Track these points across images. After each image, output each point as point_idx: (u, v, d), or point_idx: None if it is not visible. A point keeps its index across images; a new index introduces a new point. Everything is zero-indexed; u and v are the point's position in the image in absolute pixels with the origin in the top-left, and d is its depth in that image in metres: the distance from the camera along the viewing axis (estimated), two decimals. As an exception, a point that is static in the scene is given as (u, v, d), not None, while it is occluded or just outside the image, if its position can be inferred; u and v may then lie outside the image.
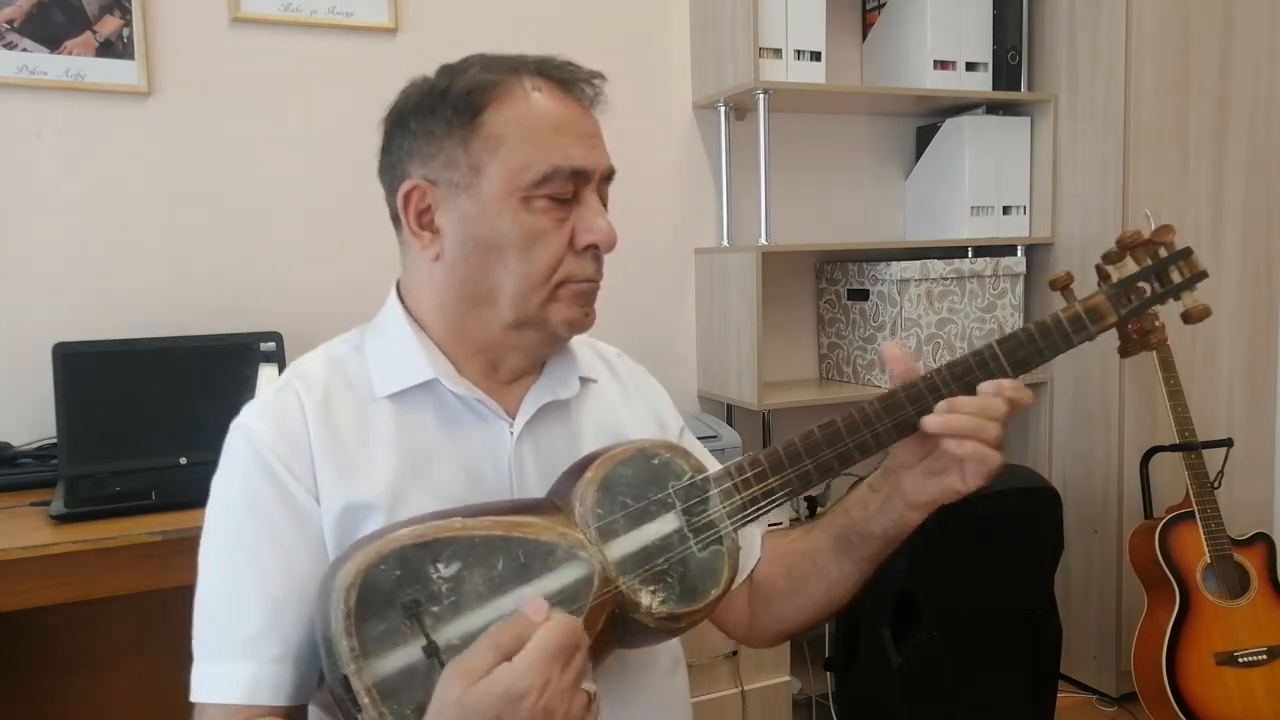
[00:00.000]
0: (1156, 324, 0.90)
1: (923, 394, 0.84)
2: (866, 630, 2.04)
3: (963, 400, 0.83)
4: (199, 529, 0.86)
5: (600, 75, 0.89)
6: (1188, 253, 0.89)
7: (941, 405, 0.83)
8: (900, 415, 0.84)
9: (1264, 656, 2.05)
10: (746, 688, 2.00)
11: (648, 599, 0.79)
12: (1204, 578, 2.08)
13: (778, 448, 0.85)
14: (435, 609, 0.72)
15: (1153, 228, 0.89)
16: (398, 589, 0.72)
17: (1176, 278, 0.88)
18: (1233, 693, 2.03)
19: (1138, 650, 2.14)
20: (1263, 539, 2.14)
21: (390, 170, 0.90)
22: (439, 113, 0.85)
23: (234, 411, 0.88)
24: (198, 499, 1.47)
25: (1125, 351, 0.92)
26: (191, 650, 0.82)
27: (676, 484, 0.84)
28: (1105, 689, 2.44)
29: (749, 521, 0.85)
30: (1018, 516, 2.00)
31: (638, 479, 0.83)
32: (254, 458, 0.84)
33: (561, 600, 0.75)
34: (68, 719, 1.86)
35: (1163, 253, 0.89)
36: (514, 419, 0.91)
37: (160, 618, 1.88)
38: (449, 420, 0.89)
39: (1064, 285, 0.90)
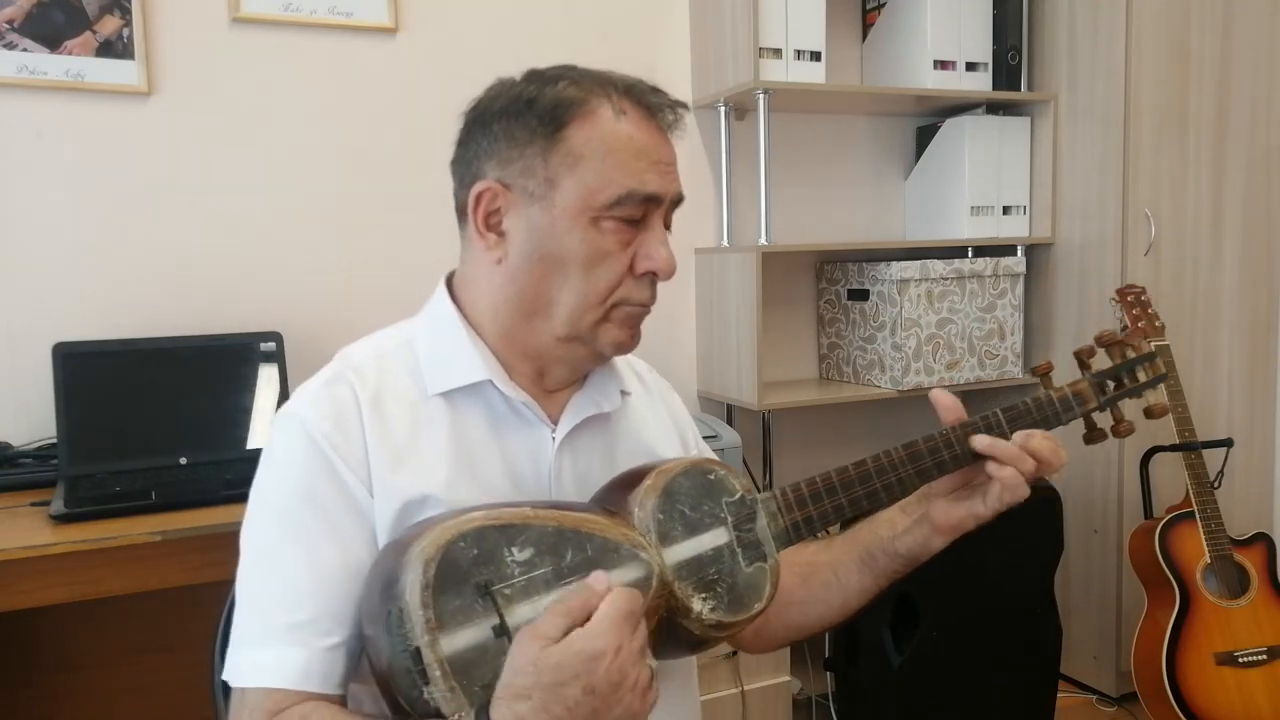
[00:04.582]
0: (1126, 418, 1.02)
1: (939, 447, 0.94)
2: (866, 630, 2.04)
3: (1022, 434, 0.94)
4: (199, 529, 0.85)
5: (684, 105, 0.91)
6: (1152, 356, 1.01)
7: (1017, 437, 0.93)
8: (920, 464, 0.93)
9: (1264, 656, 2.05)
10: (746, 688, 2.00)
11: (699, 605, 0.82)
12: (1204, 578, 2.08)
13: (817, 479, 0.91)
14: (507, 590, 0.74)
15: (1153, 228, 0.94)
16: (474, 567, 0.73)
17: (1142, 377, 1.01)
18: (1233, 693, 2.03)
19: (1138, 650, 2.14)
20: (1263, 539, 2.14)
21: (465, 165, 0.91)
22: (523, 120, 0.86)
23: (234, 411, 0.88)
24: (198, 499, 1.51)
25: (1090, 439, 1.01)
26: (194, 650, 0.82)
27: (729, 500, 0.87)
28: (1105, 689, 2.44)
29: (790, 544, 0.89)
30: (1018, 516, 1.97)
31: (695, 491, 0.86)
32: (309, 447, 0.84)
33: None
34: (67, 719, 1.86)
35: (1130, 354, 1.01)
36: (556, 426, 0.92)
37: (160, 618, 1.88)
38: (496, 421, 0.90)
39: (1044, 373, 1.02)
